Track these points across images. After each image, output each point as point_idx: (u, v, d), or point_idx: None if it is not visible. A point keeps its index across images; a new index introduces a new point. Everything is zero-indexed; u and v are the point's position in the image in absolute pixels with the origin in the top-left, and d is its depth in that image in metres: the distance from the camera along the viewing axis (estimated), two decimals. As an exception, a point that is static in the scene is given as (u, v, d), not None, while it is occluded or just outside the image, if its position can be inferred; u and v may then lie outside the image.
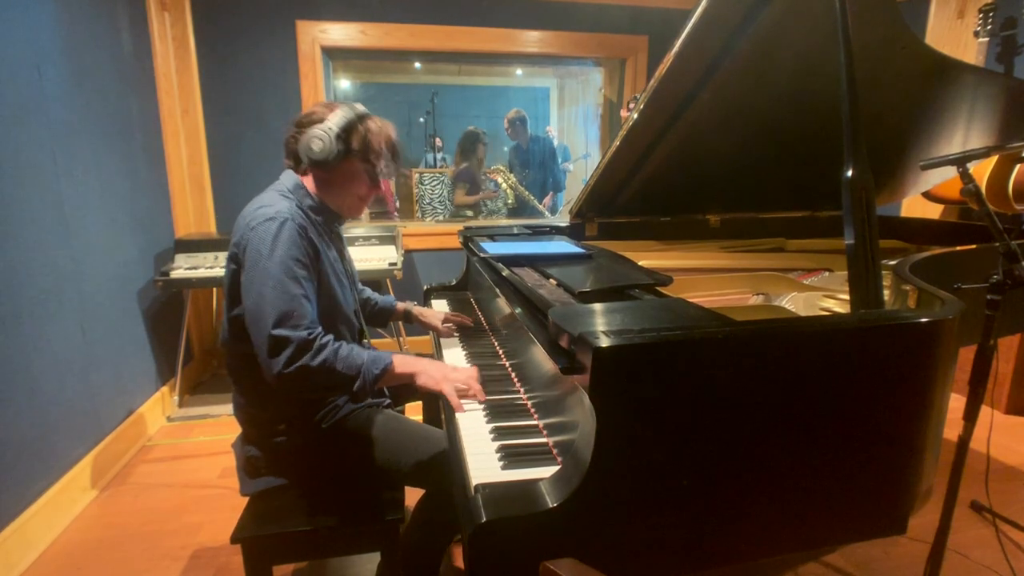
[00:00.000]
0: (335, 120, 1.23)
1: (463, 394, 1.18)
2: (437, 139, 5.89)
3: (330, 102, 1.29)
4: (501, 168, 4.62)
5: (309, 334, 1.14)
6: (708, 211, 2.13)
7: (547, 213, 4.73)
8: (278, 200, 1.25)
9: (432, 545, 1.36)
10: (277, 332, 1.11)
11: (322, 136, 1.22)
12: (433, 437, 1.32)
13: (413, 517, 1.38)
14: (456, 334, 1.63)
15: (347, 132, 1.24)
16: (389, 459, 1.30)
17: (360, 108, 1.28)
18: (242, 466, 1.37)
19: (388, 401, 1.48)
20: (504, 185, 4.53)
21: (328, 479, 1.35)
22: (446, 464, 1.20)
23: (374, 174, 1.31)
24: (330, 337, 1.19)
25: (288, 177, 1.32)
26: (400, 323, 3.10)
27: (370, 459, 1.31)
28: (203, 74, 3.01)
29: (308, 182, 1.31)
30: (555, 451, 0.97)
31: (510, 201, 4.62)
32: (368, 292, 1.71)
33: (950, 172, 1.71)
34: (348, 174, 1.30)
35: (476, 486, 0.85)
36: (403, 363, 1.23)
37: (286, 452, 1.32)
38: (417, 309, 1.73)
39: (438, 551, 1.37)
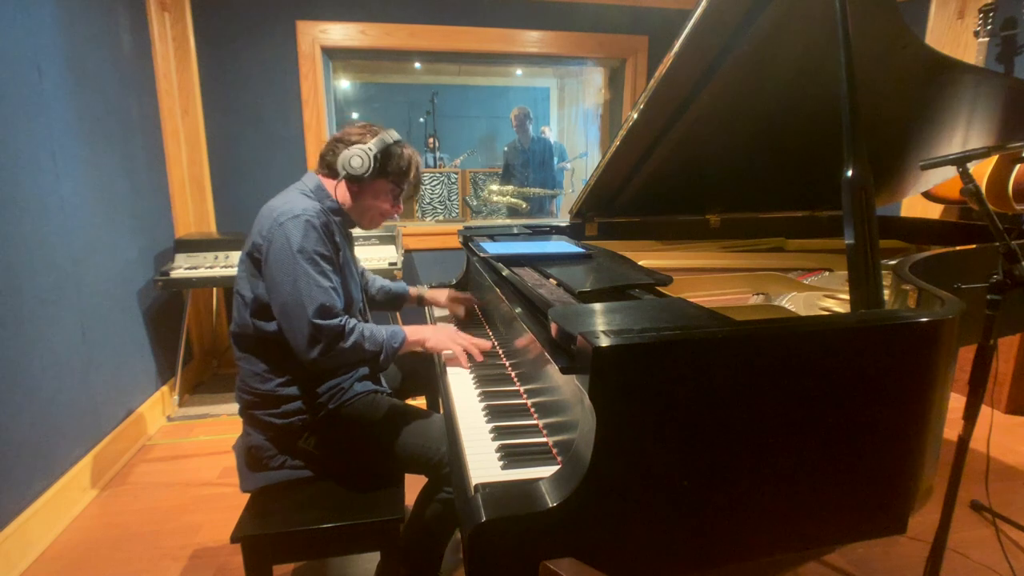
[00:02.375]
0: (375, 142, 1.36)
1: (467, 349, 1.38)
2: (432, 139, 5.89)
3: (367, 125, 1.40)
4: (494, 189, 4.66)
5: (340, 322, 1.28)
6: (708, 211, 2.13)
7: (560, 192, 4.79)
8: (302, 199, 1.34)
9: (433, 541, 1.37)
10: (317, 322, 1.24)
11: (362, 155, 1.34)
12: (434, 421, 1.38)
13: (413, 512, 1.39)
14: (461, 312, 1.80)
15: (384, 154, 1.37)
16: (391, 441, 1.34)
17: (395, 134, 1.40)
18: (244, 460, 1.39)
19: (388, 390, 1.52)
20: (507, 200, 4.58)
21: (332, 462, 1.38)
22: (447, 447, 1.26)
23: (398, 195, 1.45)
24: (355, 320, 1.32)
25: (311, 178, 1.41)
26: (397, 313, 3.11)
27: (373, 441, 1.36)
28: (203, 74, 3.01)
29: (329, 186, 1.40)
30: (555, 451, 0.97)
31: (524, 206, 4.66)
32: (380, 280, 1.82)
33: (950, 172, 1.72)
34: (376, 191, 1.42)
35: (476, 486, 0.85)
36: (414, 332, 1.40)
37: (291, 434, 1.35)
38: (429, 292, 1.87)
39: (439, 546, 1.38)
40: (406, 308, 1.90)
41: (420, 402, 1.93)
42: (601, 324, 0.83)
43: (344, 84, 6.19)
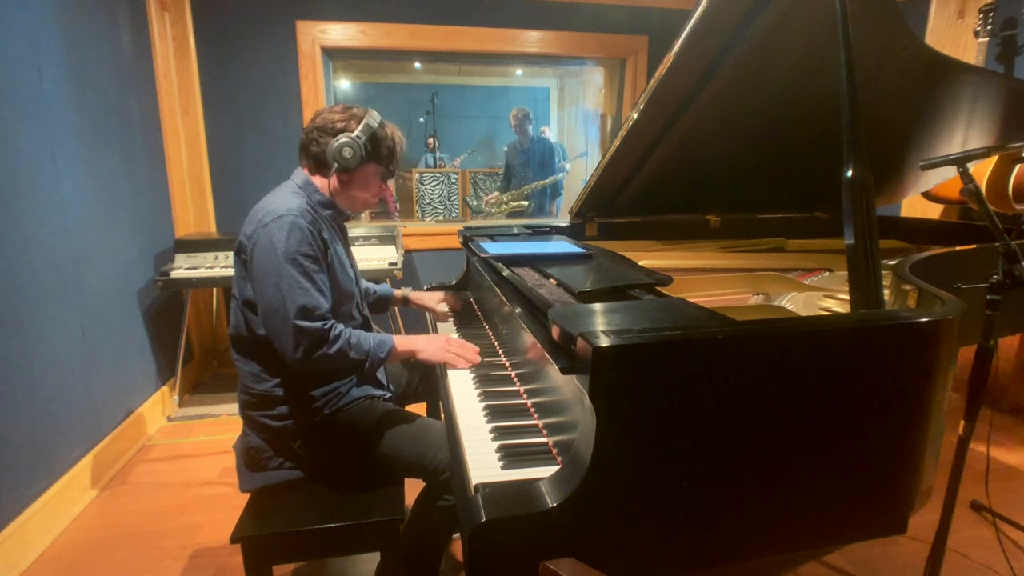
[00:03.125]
0: (361, 129, 1.34)
1: (459, 357, 1.37)
2: (432, 139, 5.89)
3: (346, 108, 1.37)
4: (492, 200, 4.72)
5: (324, 324, 1.26)
6: (708, 211, 2.13)
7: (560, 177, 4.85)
8: (289, 197, 1.33)
9: (432, 543, 1.36)
10: (300, 323, 1.23)
11: (352, 145, 1.32)
12: (433, 428, 1.35)
13: (412, 517, 1.38)
14: (450, 317, 1.78)
15: (372, 140, 1.35)
16: (389, 448, 1.33)
17: (376, 115, 1.38)
18: (243, 460, 1.38)
19: (389, 395, 1.51)
20: (509, 207, 4.64)
21: (329, 467, 1.37)
22: (445, 454, 1.25)
23: (386, 175, 1.45)
24: (342, 326, 1.30)
25: (298, 174, 1.40)
26: (399, 319, 3.12)
27: (370, 447, 1.34)
28: (203, 74, 3.01)
29: (318, 180, 1.39)
30: (555, 451, 0.97)
31: (527, 205, 4.69)
32: (365, 283, 1.77)
33: (950, 172, 1.71)
34: (366, 176, 1.41)
35: (476, 486, 0.85)
36: (403, 343, 1.39)
37: (288, 437, 1.34)
38: (414, 294, 1.84)
39: (438, 548, 1.37)
40: (405, 310, 1.89)
41: (420, 406, 1.92)
42: (601, 324, 0.83)
43: (344, 84, 6.19)
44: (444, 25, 3.24)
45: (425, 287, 2.11)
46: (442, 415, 1.50)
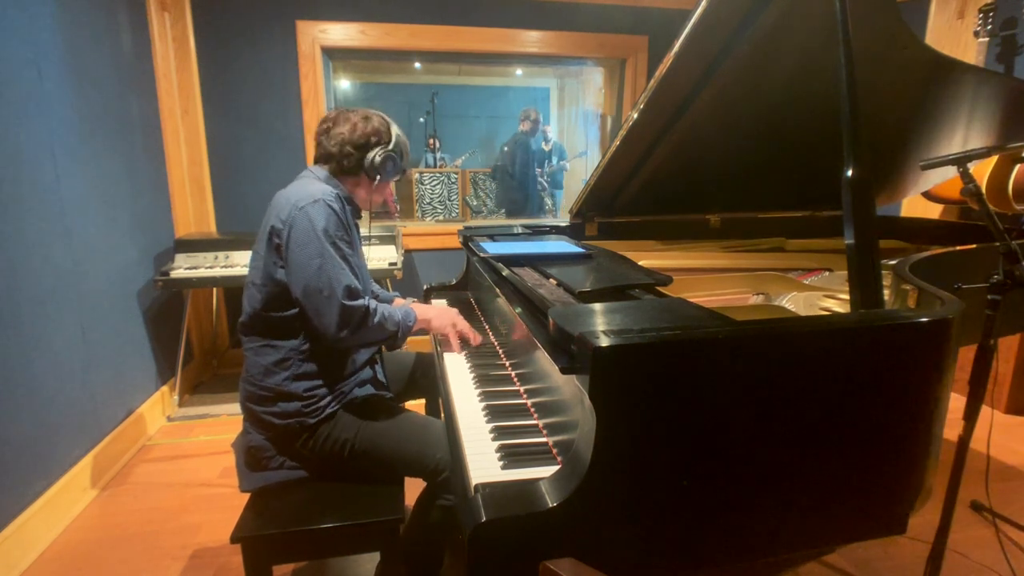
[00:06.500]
0: (394, 140, 1.43)
1: (457, 338, 1.48)
2: (432, 139, 5.91)
3: (366, 117, 1.42)
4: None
5: (366, 302, 1.32)
6: (708, 211, 2.14)
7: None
8: (319, 184, 1.37)
9: (432, 542, 1.36)
10: (347, 303, 1.27)
11: (393, 157, 1.42)
12: (432, 426, 1.36)
13: (412, 517, 1.38)
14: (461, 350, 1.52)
15: (401, 150, 1.45)
16: (389, 446, 1.33)
17: (396, 126, 1.45)
18: (243, 459, 1.38)
19: (390, 394, 1.51)
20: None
21: (329, 465, 1.37)
22: (445, 453, 1.26)
23: (399, 176, 1.51)
24: (375, 302, 1.36)
25: (319, 170, 1.43)
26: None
27: (371, 445, 1.34)
28: (203, 74, 3.01)
29: (346, 183, 1.44)
30: (555, 451, 0.97)
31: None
32: (373, 286, 1.77)
33: (950, 172, 1.71)
34: (387, 181, 1.48)
35: (476, 486, 0.85)
36: (422, 311, 1.47)
37: (289, 436, 1.34)
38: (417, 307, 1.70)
39: (439, 548, 1.37)
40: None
41: (419, 404, 1.93)
42: (601, 324, 0.83)
43: (344, 84, 6.19)
44: (444, 25, 3.24)
45: (425, 287, 2.11)
46: (442, 414, 1.50)
